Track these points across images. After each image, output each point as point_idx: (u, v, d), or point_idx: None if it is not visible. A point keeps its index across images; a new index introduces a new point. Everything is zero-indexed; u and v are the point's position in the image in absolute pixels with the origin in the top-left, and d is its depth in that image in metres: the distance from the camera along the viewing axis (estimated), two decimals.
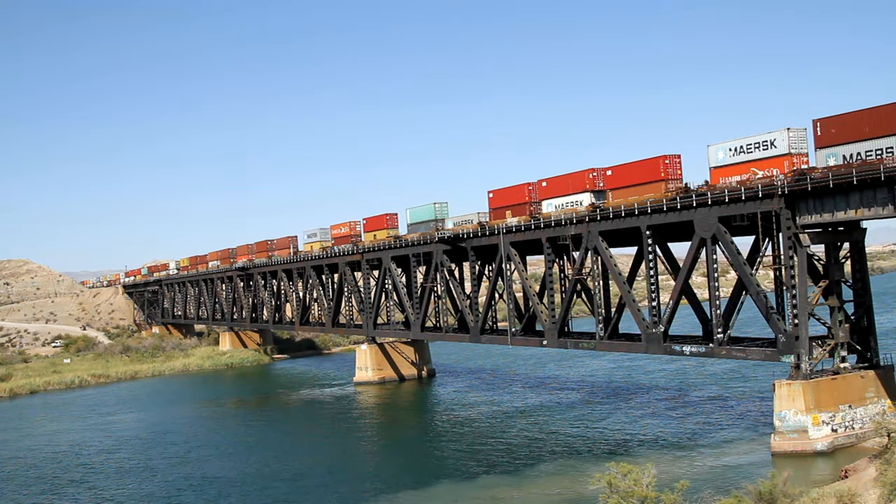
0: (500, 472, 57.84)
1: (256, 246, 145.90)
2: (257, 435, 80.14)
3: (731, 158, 62.67)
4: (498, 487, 53.72)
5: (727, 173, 62.98)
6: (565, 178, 77.39)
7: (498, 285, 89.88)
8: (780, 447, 55.91)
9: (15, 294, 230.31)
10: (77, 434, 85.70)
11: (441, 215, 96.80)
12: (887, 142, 51.71)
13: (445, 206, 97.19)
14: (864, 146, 53.25)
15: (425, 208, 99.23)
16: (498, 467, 59.15)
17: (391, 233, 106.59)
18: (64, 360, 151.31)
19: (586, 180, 74.47)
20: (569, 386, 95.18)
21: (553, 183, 78.95)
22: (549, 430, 71.39)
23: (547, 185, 79.70)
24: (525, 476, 56.17)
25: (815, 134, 56.85)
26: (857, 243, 60.38)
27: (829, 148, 55.88)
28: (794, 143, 58.52)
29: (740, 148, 61.86)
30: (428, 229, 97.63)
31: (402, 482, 56.79)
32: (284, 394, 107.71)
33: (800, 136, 58.75)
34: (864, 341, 60.16)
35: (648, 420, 72.14)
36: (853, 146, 53.92)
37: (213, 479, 61.76)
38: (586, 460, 58.82)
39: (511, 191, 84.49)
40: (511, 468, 58.61)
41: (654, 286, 69.15)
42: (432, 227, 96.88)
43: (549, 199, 79.53)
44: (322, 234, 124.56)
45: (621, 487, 36.25)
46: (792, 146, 58.48)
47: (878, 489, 37.32)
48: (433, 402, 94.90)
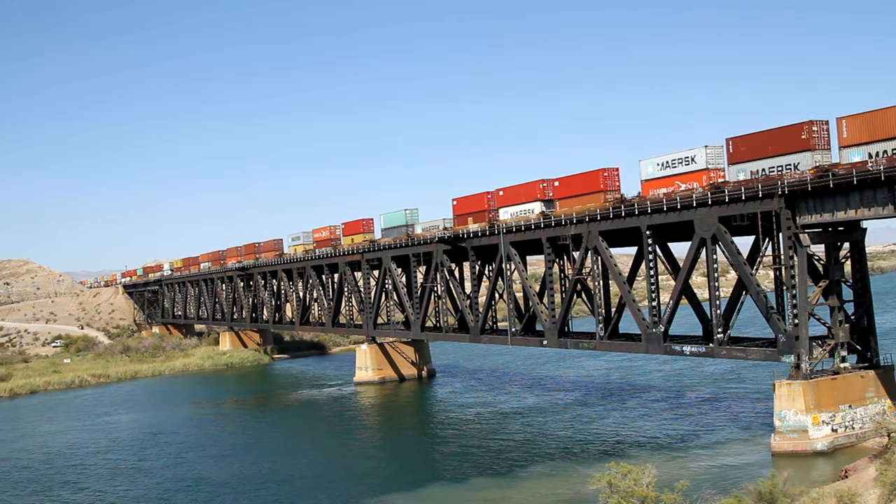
0: (497, 473, 57.77)
1: (244, 248, 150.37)
2: (255, 435, 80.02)
3: (659, 172, 68.12)
4: (494, 489, 53.66)
5: (656, 185, 68.44)
6: (519, 188, 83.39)
7: (498, 285, 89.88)
8: (780, 447, 55.91)
9: (15, 294, 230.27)
10: (72, 435, 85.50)
11: (411, 221, 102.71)
12: (787, 159, 58.01)
13: (416, 212, 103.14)
14: (768, 163, 59.43)
15: (397, 214, 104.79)
16: (496, 468, 59.09)
17: (367, 237, 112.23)
18: (64, 360, 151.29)
19: (537, 190, 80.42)
20: (568, 386, 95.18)
21: (508, 192, 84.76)
22: (548, 430, 71.38)
23: (504, 194, 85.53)
24: (524, 477, 56.11)
25: (727, 151, 62.45)
26: (857, 243, 60.38)
27: (739, 164, 61.59)
28: (711, 159, 64.16)
29: (666, 163, 67.47)
30: (400, 234, 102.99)
31: (397, 483, 56.72)
32: (284, 394, 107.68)
33: (716, 152, 64.10)
34: (864, 341, 60.15)
35: (648, 420, 72.13)
36: (759, 163, 60.08)
37: (206, 481, 61.53)
38: (586, 460, 58.82)
39: (472, 199, 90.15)
40: (509, 469, 58.56)
41: (654, 286, 69.15)
42: (403, 231, 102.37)
43: (505, 206, 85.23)
44: (305, 237, 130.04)
45: (621, 487, 36.27)
46: (709, 162, 64.15)
47: (878, 489, 37.34)
48: (433, 402, 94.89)
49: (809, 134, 57.00)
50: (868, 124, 53.98)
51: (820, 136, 57.27)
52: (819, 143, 56.98)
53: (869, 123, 53.91)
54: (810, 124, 57.03)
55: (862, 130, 54.48)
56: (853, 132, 55.03)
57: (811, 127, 56.97)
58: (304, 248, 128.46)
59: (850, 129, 55.19)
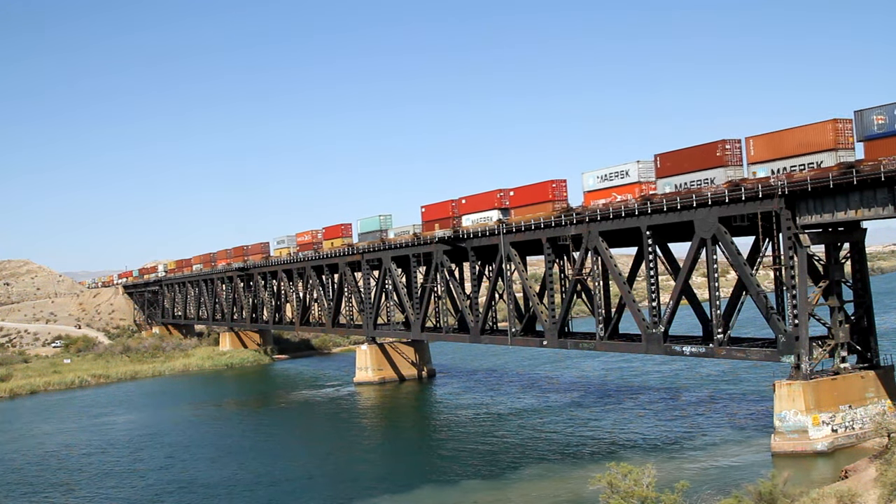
0: (497, 473, 57.67)
1: (234, 251, 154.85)
2: (253, 436, 79.83)
3: (599, 184, 73.44)
4: (494, 489, 53.56)
5: (596, 196, 73.75)
6: (478, 196, 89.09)
7: (498, 285, 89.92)
8: (780, 447, 55.92)
9: (15, 294, 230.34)
10: (69, 436, 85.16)
11: (385, 226, 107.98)
12: (704, 174, 63.38)
13: (390, 217, 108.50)
14: (689, 177, 64.67)
15: (373, 220, 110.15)
16: (495, 469, 59.00)
17: (345, 241, 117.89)
18: (64, 361, 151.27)
19: (495, 199, 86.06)
20: (568, 387, 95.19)
21: (470, 201, 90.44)
22: (548, 431, 71.37)
23: (466, 202, 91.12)
24: (523, 477, 56.04)
25: (656, 166, 67.65)
26: (857, 243, 60.40)
27: (666, 178, 66.80)
28: (642, 173, 69.16)
29: (605, 176, 72.96)
30: (374, 238, 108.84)
31: (394, 484, 56.55)
32: (284, 394, 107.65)
33: (647, 167, 68.93)
34: (864, 341, 60.16)
35: (648, 421, 72.14)
36: (682, 177, 65.26)
37: (199, 482, 61.15)
38: (585, 461, 58.80)
39: (438, 206, 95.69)
40: (508, 470, 58.47)
41: (654, 286, 69.17)
42: (378, 236, 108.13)
43: (467, 214, 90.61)
44: (289, 241, 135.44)
45: (622, 488, 36.28)
46: (641, 175, 69.15)
47: (879, 489, 37.33)
48: (433, 402, 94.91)
49: (723, 152, 62.11)
50: (770, 144, 59.51)
51: (733, 153, 62.23)
52: (732, 160, 62.06)
53: (770, 143, 59.46)
54: (724, 143, 62.02)
55: (765, 149, 59.94)
56: (759, 151, 60.42)
57: (725, 145, 62.06)
58: (288, 250, 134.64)
59: (756, 148, 60.58)
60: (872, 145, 53.68)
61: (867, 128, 53.84)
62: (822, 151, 56.31)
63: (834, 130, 55.49)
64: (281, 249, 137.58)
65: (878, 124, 53.26)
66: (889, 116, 52.33)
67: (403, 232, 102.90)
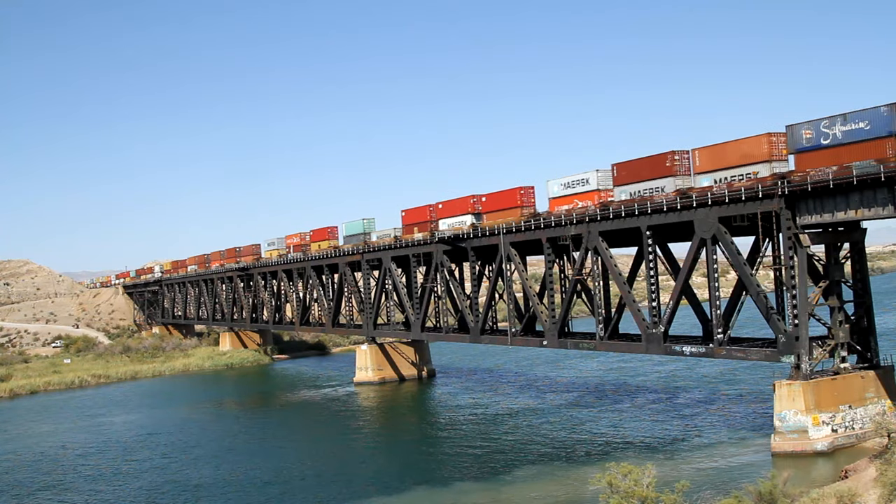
0: (496, 473, 57.68)
1: (227, 252, 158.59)
2: (251, 437, 79.62)
3: (562, 191, 77.35)
4: (493, 489, 53.56)
5: (560, 203, 77.56)
6: (453, 202, 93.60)
7: (498, 285, 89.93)
8: (780, 447, 55.94)
9: (15, 294, 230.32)
10: (65, 436, 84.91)
11: (368, 229, 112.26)
12: (655, 183, 67.31)
13: (373, 221, 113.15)
14: (642, 186, 68.63)
15: (356, 223, 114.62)
16: (495, 469, 59.01)
17: (331, 243, 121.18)
18: (64, 361, 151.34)
19: (468, 205, 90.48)
20: (568, 387, 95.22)
21: (446, 205, 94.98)
22: (547, 431, 71.39)
23: (442, 207, 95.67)
24: (523, 478, 56.02)
25: (613, 175, 71.76)
26: (857, 243, 60.41)
27: (622, 186, 70.82)
28: (601, 181, 72.96)
29: (567, 184, 76.89)
30: (358, 241, 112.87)
31: (392, 485, 56.39)
32: (283, 394, 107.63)
33: (606, 175, 72.75)
34: (864, 341, 60.17)
35: (648, 421, 72.15)
36: (636, 185, 69.25)
37: (192, 483, 60.83)
38: (585, 461, 58.81)
39: (417, 211, 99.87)
40: (508, 470, 58.47)
41: (654, 286, 69.18)
42: (361, 239, 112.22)
43: (443, 218, 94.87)
44: (279, 242, 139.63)
45: (622, 487, 36.31)
46: (600, 183, 72.97)
47: (879, 489, 37.35)
48: (432, 402, 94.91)
49: (672, 162, 65.95)
50: (713, 155, 63.76)
51: (681, 163, 65.96)
52: (681, 170, 65.92)
53: (713, 155, 63.71)
54: (673, 154, 65.97)
55: (709, 160, 64.06)
56: (703, 161, 64.55)
57: (674, 156, 65.95)
58: (277, 252, 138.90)
59: (701, 158, 64.75)
60: (802, 157, 57.56)
61: (797, 141, 57.61)
62: (758, 163, 60.31)
63: (769, 143, 59.58)
64: (271, 251, 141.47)
65: (806, 138, 57.15)
66: (816, 131, 56.21)
67: (385, 235, 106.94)
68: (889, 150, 51.96)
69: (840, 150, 54.83)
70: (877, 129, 52.55)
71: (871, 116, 53.05)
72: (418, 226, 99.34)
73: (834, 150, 55.19)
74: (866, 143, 53.26)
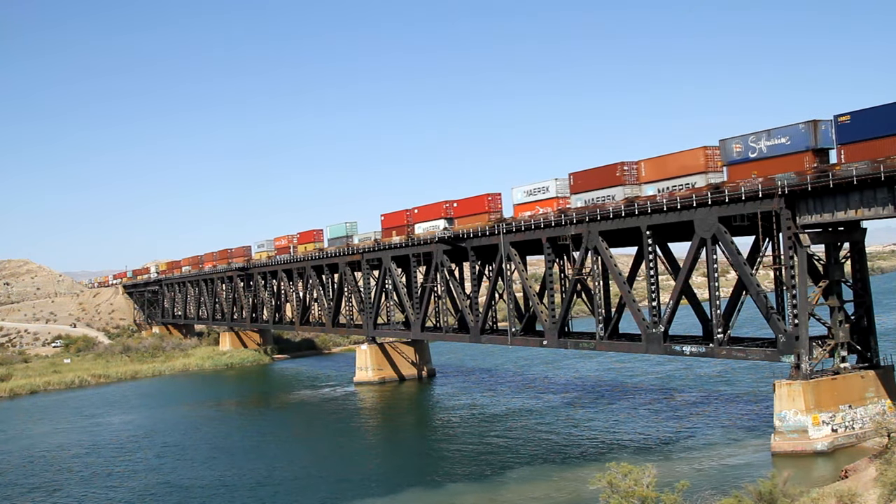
0: (496, 474, 57.61)
1: (219, 253, 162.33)
2: (249, 437, 79.38)
3: (525, 198, 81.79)
4: (493, 490, 53.51)
5: (523, 209, 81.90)
6: (428, 207, 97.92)
7: (498, 285, 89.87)
8: (780, 447, 55.92)
9: (15, 294, 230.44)
10: (61, 436, 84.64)
11: (351, 232, 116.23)
12: (606, 192, 71.82)
13: (355, 224, 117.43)
14: (595, 194, 73.19)
15: (340, 226, 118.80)
16: (494, 469, 58.92)
17: (317, 245, 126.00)
18: (64, 360, 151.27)
19: (441, 210, 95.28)
20: (567, 387, 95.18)
21: (421, 210, 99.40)
22: (547, 431, 71.37)
23: (418, 212, 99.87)
24: (522, 478, 55.99)
25: (570, 183, 76.15)
26: (857, 243, 60.39)
27: (578, 194, 75.15)
28: (559, 189, 77.26)
29: (530, 191, 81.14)
30: (341, 244, 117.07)
31: (390, 485, 56.25)
32: (283, 394, 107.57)
33: (564, 184, 77.13)
34: (864, 341, 60.14)
35: (648, 420, 72.13)
36: (590, 193, 73.68)
37: (184, 485, 60.60)
38: (584, 461, 58.80)
39: (395, 215, 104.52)
40: (508, 470, 58.42)
41: (654, 286, 69.14)
42: (344, 241, 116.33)
43: (419, 222, 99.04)
44: (268, 244, 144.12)
45: (622, 487, 36.26)
46: (559, 191, 77.29)
47: (878, 489, 37.30)
48: (432, 402, 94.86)
49: (622, 172, 70.16)
50: (657, 166, 68.34)
51: (630, 173, 70.18)
52: (629, 179, 70.18)
53: (657, 166, 68.31)
54: (622, 165, 70.36)
55: (654, 171, 68.64)
56: (649, 172, 69.06)
57: (623, 167, 70.24)
58: (266, 254, 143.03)
59: (647, 169, 69.25)
60: (733, 169, 62.12)
61: (729, 154, 62.13)
62: (696, 174, 64.85)
63: (704, 156, 64.18)
64: (261, 253, 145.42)
65: (736, 151, 61.62)
66: (745, 145, 60.88)
67: (366, 238, 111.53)
68: (806, 163, 56.62)
69: (765, 162, 59.32)
70: (796, 144, 57.23)
71: (791, 133, 57.63)
72: (396, 229, 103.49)
73: (760, 162, 59.71)
74: (787, 156, 57.88)
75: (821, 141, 56.48)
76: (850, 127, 54.24)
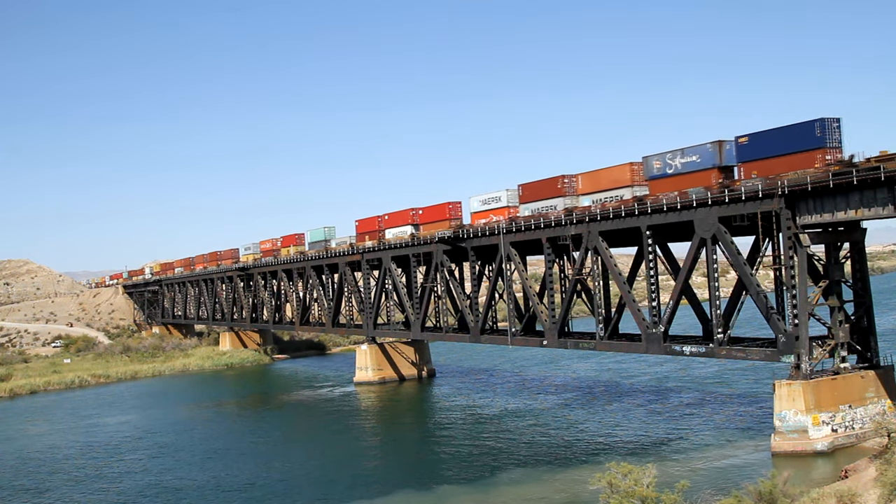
0: (495, 474, 57.56)
1: (209, 255, 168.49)
2: (245, 437, 79.11)
3: (481, 207, 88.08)
4: (492, 490, 53.43)
5: (479, 217, 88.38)
6: (397, 214, 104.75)
7: (498, 285, 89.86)
8: (780, 447, 55.91)
9: (15, 294, 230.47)
10: (56, 437, 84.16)
11: (329, 237, 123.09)
12: (549, 202, 77.78)
13: (333, 229, 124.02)
14: (540, 204, 79.23)
15: (318, 231, 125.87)
16: (494, 469, 58.88)
17: (298, 248, 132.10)
18: (64, 360, 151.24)
19: (409, 217, 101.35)
20: (567, 387, 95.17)
21: (391, 217, 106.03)
22: (547, 431, 71.36)
23: (388, 218, 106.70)
24: (522, 478, 55.94)
25: (519, 194, 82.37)
26: (857, 243, 60.36)
27: (525, 203, 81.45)
28: (510, 199, 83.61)
29: (485, 200, 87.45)
30: (321, 247, 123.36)
31: (388, 485, 56.12)
32: (283, 394, 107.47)
33: (514, 194, 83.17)
34: (864, 341, 60.13)
35: (647, 420, 72.11)
36: (536, 203, 79.89)
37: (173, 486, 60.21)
38: (583, 461, 58.75)
39: (369, 221, 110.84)
40: (507, 470, 58.38)
41: (654, 286, 69.13)
42: (323, 245, 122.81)
43: (389, 228, 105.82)
44: (254, 247, 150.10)
45: (622, 487, 36.27)
46: (509, 201, 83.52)
47: (879, 489, 37.30)
48: (432, 402, 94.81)
49: (562, 184, 76.04)
50: (591, 180, 74.37)
51: (569, 186, 75.89)
52: (569, 191, 75.88)
53: (592, 179, 74.33)
54: (563, 178, 76.27)
55: (589, 184, 74.63)
56: (584, 184, 75.03)
57: (563, 179, 76.16)
58: (252, 256, 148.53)
59: (583, 182, 75.23)
60: (654, 183, 67.87)
61: (650, 170, 67.84)
62: (623, 187, 70.40)
63: (631, 171, 69.66)
64: (248, 255, 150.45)
65: (656, 168, 67.22)
66: (663, 162, 66.51)
67: (342, 242, 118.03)
68: (713, 179, 62.46)
69: (680, 178, 65.02)
70: (705, 161, 63.18)
71: (700, 151, 63.75)
72: (369, 234, 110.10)
73: (675, 178, 65.40)
74: (698, 173, 63.75)
75: (725, 159, 62.36)
76: (748, 147, 60.35)
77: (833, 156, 55.94)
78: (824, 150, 55.89)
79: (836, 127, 56.25)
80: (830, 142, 56.03)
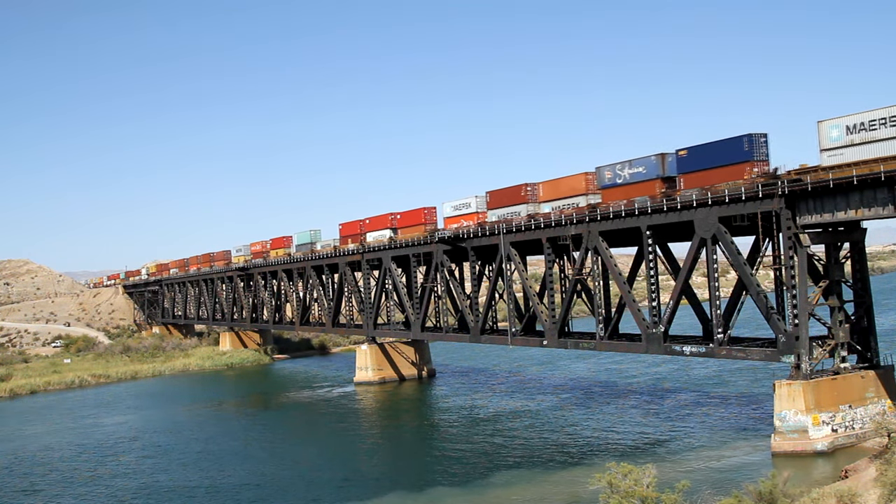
0: (495, 474, 57.51)
1: (202, 257, 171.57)
2: (243, 438, 78.92)
3: (453, 212, 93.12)
4: (492, 490, 53.41)
5: (451, 222, 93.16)
6: (376, 218, 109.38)
7: (498, 285, 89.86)
8: (780, 447, 55.89)
9: (15, 294, 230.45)
10: (53, 438, 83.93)
11: (315, 239, 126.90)
12: (513, 209, 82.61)
13: (319, 232, 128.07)
14: (505, 210, 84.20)
15: (305, 234, 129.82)
16: (494, 470, 58.82)
17: (286, 251, 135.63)
18: (64, 360, 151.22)
19: (388, 221, 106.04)
20: (567, 387, 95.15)
21: (372, 221, 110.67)
22: (547, 431, 71.34)
23: (369, 222, 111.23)
24: (522, 478, 55.90)
25: (487, 200, 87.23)
26: (858, 243, 60.36)
27: (492, 209, 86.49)
28: (479, 205, 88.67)
29: (457, 206, 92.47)
30: (307, 249, 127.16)
31: (387, 485, 56.03)
32: (283, 394, 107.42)
33: (482, 201, 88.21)
34: (864, 341, 60.11)
35: (648, 420, 72.09)
36: (502, 210, 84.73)
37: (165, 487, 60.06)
38: (584, 461, 58.74)
39: (351, 224, 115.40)
40: (507, 470, 58.38)
41: (654, 286, 69.11)
42: (309, 248, 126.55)
43: (370, 231, 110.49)
44: (245, 249, 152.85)
45: (622, 487, 36.26)
46: (478, 207, 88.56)
47: (879, 489, 37.30)
48: (432, 403, 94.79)
49: (525, 192, 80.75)
50: (551, 188, 78.54)
51: (533, 193, 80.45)
52: (532, 198, 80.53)
53: (552, 187, 78.50)
54: (526, 186, 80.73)
55: (549, 192, 78.83)
56: (545, 192, 79.23)
57: (527, 187, 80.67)
58: (244, 258, 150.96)
59: (544, 190, 79.46)
60: (606, 192, 72.03)
61: (602, 180, 72.17)
62: (579, 195, 74.69)
63: (585, 180, 74.18)
64: (239, 257, 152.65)
65: (607, 178, 71.39)
66: (613, 172, 70.71)
67: (327, 245, 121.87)
68: (657, 189, 66.60)
69: (628, 188, 69.01)
70: (649, 172, 67.29)
71: (645, 163, 67.77)
72: (351, 237, 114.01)
73: (624, 187, 69.37)
74: (643, 183, 67.79)
75: (668, 170, 66.18)
76: (687, 159, 64.17)
77: (760, 168, 59.77)
78: (752, 163, 59.82)
79: (763, 142, 59.89)
80: (758, 155, 59.77)
